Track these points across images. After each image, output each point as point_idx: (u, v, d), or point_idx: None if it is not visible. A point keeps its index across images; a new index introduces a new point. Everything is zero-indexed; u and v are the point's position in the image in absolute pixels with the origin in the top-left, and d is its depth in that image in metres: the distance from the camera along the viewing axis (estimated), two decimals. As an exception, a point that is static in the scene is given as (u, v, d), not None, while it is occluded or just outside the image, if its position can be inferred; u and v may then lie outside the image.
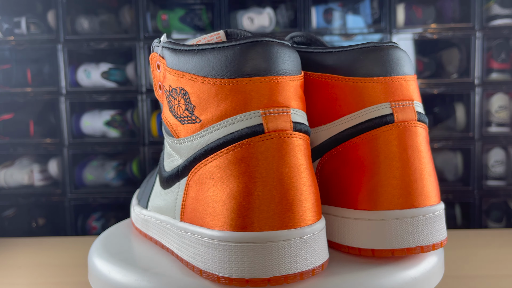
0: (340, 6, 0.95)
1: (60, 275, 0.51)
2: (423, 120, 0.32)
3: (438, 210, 0.32)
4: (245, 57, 0.26)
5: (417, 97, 0.32)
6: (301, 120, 0.28)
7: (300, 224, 0.26)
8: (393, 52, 0.32)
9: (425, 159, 0.31)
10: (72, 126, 0.95)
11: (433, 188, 0.32)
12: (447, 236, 0.33)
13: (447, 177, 0.95)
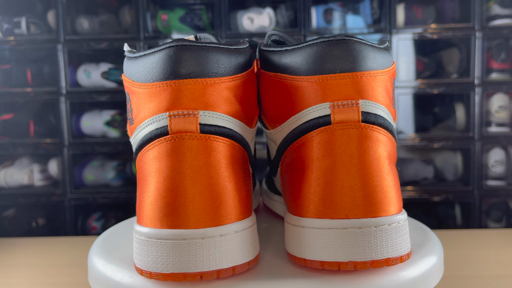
0: (340, 6, 0.95)
1: (60, 275, 0.51)
2: (372, 121, 0.28)
3: (380, 225, 0.27)
4: (156, 64, 0.28)
5: (371, 95, 0.28)
6: (215, 122, 0.28)
7: (220, 222, 0.27)
8: (339, 47, 0.28)
9: (365, 165, 0.27)
10: (72, 126, 0.95)
11: (369, 198, 0.27)
12: (400, 256, 0.28)
13: (447, 177, 0.95)
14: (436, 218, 0.95)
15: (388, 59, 0.30)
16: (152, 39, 0.94)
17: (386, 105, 0.29)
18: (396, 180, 0.29)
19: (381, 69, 0.29)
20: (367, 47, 0.28)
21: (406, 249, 0.29)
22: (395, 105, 0.31)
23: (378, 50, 0.29)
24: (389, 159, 0.29)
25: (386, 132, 0.29)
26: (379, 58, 0.29)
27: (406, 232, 0.29)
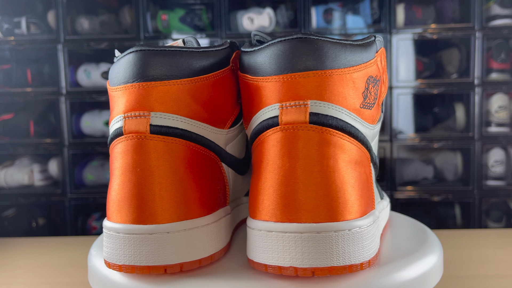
0: (340, 6, 0.95)
1: (60, 275, 0.51)
2: (322, 122, 0.27)
3: (322, 231, 0.26)
4: (120, 69, 0.29)
5: (325, 95, 0.27)
6: (166, 123, 0.28)
7: (153, 221, 0.28)
8: (294, 46, 0.27)
9: (309, 167, 0.26)
10: (72, 126, 0.95)
11: (312, 202, 0.26)
12: (348, 265, 0.27)
13: (447, 177, 0.95)
14: (436, 218, 0.95)
15: (363, 56, 0.28)
16: (152, 39, 0.94)
17: (349, 106, 0.27)
18: (354, 184, 0.27)
19: (345, 66, 0.27)
20: (327, 45, 0.27)
21: (366, 256, 0.28)
22: (379, 104, 0.30)
23: (344, 46, 0.28)
24: (345, 162, 0.27)
25: (341, 134, 0.27)
26: (345, 55, 0.28)
27: (366, 238, 0.27)
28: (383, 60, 0.32)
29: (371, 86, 0.29)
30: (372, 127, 0.30)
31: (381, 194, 0.38)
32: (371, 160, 0.30)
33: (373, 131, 0.30)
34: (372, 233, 0.28)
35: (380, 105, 0.32)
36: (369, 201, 0.29)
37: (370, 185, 0.29)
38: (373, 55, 0.30)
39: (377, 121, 0.31)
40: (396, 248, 0.34)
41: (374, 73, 0.30)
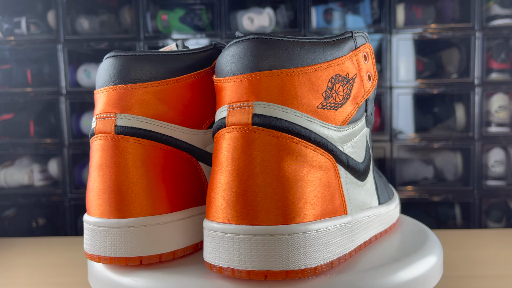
0: (340, 6, 0.95)
1: (60, 275, 0.51)
2: (265, 124, 0.26)
3: (276, 234, 0.25)
4: (98, 73, 0.33)
5: (271, 96, 0.26)
6: (130, 124, 0.31)
7: (116, 216, 0.31)
8: (244, 47, 0.27)
9: (252, 170, 0.26)
10: (72, 126, 0.95)
11: (261, 205, 0.26)
12: (301, 269, 0.26)
13: (447, 177, 0.95)
14: (436, 218, 0.95)
15: (326, 54, 0.28)
16: (152, 39, 0.94)
17: (301, 106, 0.27)
18: (305, 188, 0.26)
19: (298, 66, 0.27)
20: (278, 45, 0.27)
21: (321, 260, 0.27)
22: (356, 103, 0.30)
23: (299, 45, 0.27)
24: (290, 164, 0.26)
25: (287, 136, 0.26)
26: (299, 54, 0.27)
27: (323, 242, 0.27)
28: (370, 57, 0.31)
29: (339, 85, 0.28)
30: (339, 128, 0.29)
31: (380, 199, 0.37)
32: (341, 163, 0.29)
33: (343, 132, 0.29)
34: (332, 237, 0.28)
35: (358, 104, 0.30)
36: (331, 205, 0.28)
37: (335, 189, 0.28)
38: (344, 52, 0.29)
39: (350, 121, 0.30)
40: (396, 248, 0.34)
41: (344, 71, 0.29)
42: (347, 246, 0.30)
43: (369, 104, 0.32)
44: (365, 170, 0.33)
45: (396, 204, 0.41)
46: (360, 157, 0.32)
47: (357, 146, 0.31)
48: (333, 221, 0.28)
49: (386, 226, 0.38)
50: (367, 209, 0.33)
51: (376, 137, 0.93)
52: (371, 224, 0.34)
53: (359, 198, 0.32)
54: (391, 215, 0.39)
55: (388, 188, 0.41)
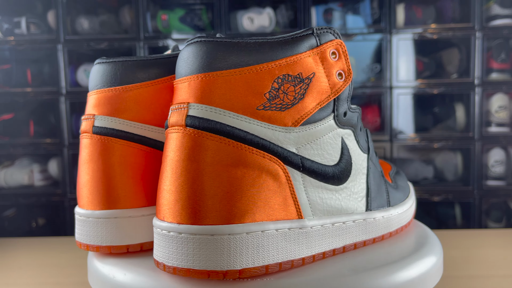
0: (340, 6, 0.95)
1: (60, 275, 0.51)
2: (197, 125, 0.26)
3: (216, 234, 0.26)
4: (90, 78, 0.37)
5: (206, 98, 0.26)
6: (105, 125, 0.35)
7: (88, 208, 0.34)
8: (186, 50, 0.28)
9: (179, 169, 0.26)
10: (72, 126, 0.95)
11: (168, 202, 0.27)
12: (240, 269, 0.26)
13: (447, 177, 0.95)
14: (436, 218, 0.95)
15: (272, 53, 0.27)
16: (152, 39, 0.94)
17: (238, 108, 0.27)
18: (219, 188, 0.26)
19: (237, 67, 0.26)
20: (216, 47, 0.27)
21: (259, 262, 0.27)
22: (317, 104, 0.29)
23: (243, 46, 0.27)
24: (219, 165, 0.26)
25: (219, 137, 0.26)
26: (238, 55, 0.27)
27: (264, 244, 0.27)
28: (341, 53, 0.30)
29: (288, 85, 0.28)
30: (289, 129, 0.28)
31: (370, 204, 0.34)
32: (292, 166, 0.28)
33: (295, 133, 0.28)
34: (271, 241, 0.27)
35: (320, 104, 0.29)
36: (276, 208, 0.27)
37: (282, 192, 0.28)
38: (298, 50, 0.28)
39: (305, 122, 0.28)
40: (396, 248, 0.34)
41: (296, 70, 0.28)
42: (297, 252, 0.28)
43: (340, 103, 0.30)
44: (340, 173, 0.31)
45: (404, 210, 0.38)
46: (329, 160, 0.30)
47: (323, 148, 0.30)
48: (277, 225, 0.27)
49: (378, 234, 0.35)
50: (344, 215, 0.31)
51: (376, 137, 0.93)
52: (348, 231, 0.32)
53: (329, 203, 0.30)
54: (389, 221, 0.36)
55: (398, 193, 0.38)
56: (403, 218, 0.38)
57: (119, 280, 0.31)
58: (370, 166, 0.34)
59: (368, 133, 0.36)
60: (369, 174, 0.34)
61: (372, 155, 0.35)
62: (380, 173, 0.36)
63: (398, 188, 0.38)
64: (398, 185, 0.39)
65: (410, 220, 0.40)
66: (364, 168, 0.33)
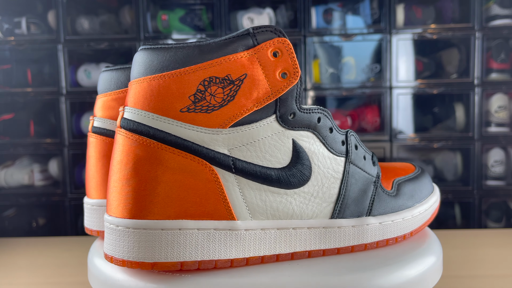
0: (340, 7, 0.95)
1: (60, 275, 0.52)
2: (125, 126, 0.28)
3: (119, 225, 0.28)
4: None
5: (133, 102, 0.28)
6: (98, 125, 0.38)
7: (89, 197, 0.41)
8: (134, 57, 0.29)
9: (115, 167, 0.28)
10: (72, 126, 0.95)
11: (116, 199, 0.28)
12: (173, 262, 0.27)
13: (446, 177, 0.95)
14: (436, 217, 0.95)
15: (199, 57, 0.28)
16: (152, 39, 0.94)
17: (160, 110, 0.27)
18: (140, 185, 0.27)
19: (160, 72, 0.28)
20: (146, 53, 0.28)
21: (188, 257, 0.28)
22: (228, 105, 0.28)
23: (173, 50, 0.28)
24: (145, 164, 0.27)
25: (145, 139, 0.27)
26: (162, 60, 0.28)
27: (186, 240, 0.27)
28: (285, 52, 0.29)
29: (216, 87, 0.28)
30: (216, 131, 0.28)
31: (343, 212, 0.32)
32: (222, 167, 0.28)
33: (224, 135, 0.28)
34: (192, 238, 0.27)
35: (256, 105, 0.28)
36: (199, 207, 0.28)
37: (208, 191, 0.28)
38: (227, 52, 0.28)
39: (237, 124, 0.28)
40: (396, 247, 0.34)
41: (224, 72, 0.28)
42: (223, 253, 0.28)
43: (284, 104, 0.29)
44: (289, 177, 0.29)
45: (401, 218, 0.35)
46: (274, 162, 0.29)
47: (264, 150, 0.29)
48: (199, 223, 0.28)
49: (344, 244, 0.32)
50: (297, 220, 0.30)
51: (376, 137, 0.94)
52: (300, 238, 0.31)
53: (276, 206, 0.30)
54: (362, 231, 0.33)
55: (397, 201, 0.35)
56: (396, 227, 0.35)
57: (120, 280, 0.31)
58: (351, 171, 0.32)
59: (349, 135, 0.33)
60: (347, 179, 0.32)
61: (356, 158, 0.33)
62: (369, 179, 0.33)
63: (400, 196, 0.35)
64: (401, 193, 0.35)
65: (412, 229, 0.36)
66: (338, 173, 0.31)
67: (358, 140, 0.34)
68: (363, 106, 0.98)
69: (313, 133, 0.30)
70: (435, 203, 0.38)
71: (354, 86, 0.94)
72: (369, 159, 0.35)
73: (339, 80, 0.96)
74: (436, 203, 0.39)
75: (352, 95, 0.96)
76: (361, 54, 0.96)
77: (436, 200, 0.39)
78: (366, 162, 0.34)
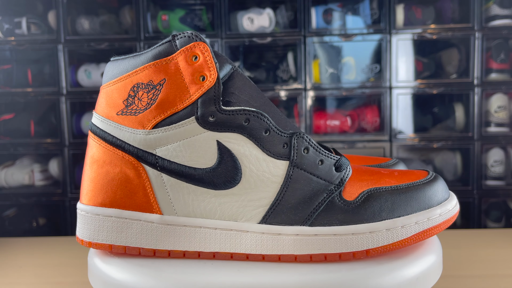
0: (339, 7, 0.95)
1: (60, 275, 0.52)
2: (90, 128, 0.33)
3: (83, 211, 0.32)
4: None
5: (99, 109, 0.32)
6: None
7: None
8: None
9: (86, 166, 0.33)
10: (73, 126, 0.95)
11: (86, 190, 0.32)
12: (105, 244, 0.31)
13: (446, 177, 0.95)
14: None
15: (129, 66, 0.31)
16: (153, 39, 0.94)
17: (104, 113, 0.32)
18: (94, 178, 0.32)
19: (106, 81, 0.32)
20: (109, 64, 0.32)
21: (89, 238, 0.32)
22: (151, 108, 0.30)
23: (113, 63, 0.32)
24: (91, 159, 0.32)
25: (93, 136, 0.32)
26: (110, 71, 0.32)
27: (89, 221, 0.32)
28: (201, 56, 0.30)
29: (142, 92, 0.30)
30: (144, 132, 0.30)
31: (268, 217, 0.30)
32: (149, 165, 0.30)
33: (150, 135, 0.30)
34: (112, 224, 0.31)
35: (175, 109, 0.29)
36: (128, 200, 0.31)
37: (136, 186, 0.31)
38: (148, 60, 0.30)
39: (158, 125, 0.30)
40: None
41: (148, 78, 0.30)
42: (147, 242, 0.31)
43: (203, 105, 0.29)
44: (215, 178, 0.30)
45: (345, 231, 0.30)
46: (200, 163, 0.30)
47: (189, 151, 0.30)
48: (131, 214, 0.31)
49: (272, 252, 0.30)
50: (226, 222, 0.30)
51: (375, 137, 0.94)
52: (224, 239, 0.30)
53: (203, 206, 0.30)
54: (296, 241, 0.30)
55: (353, 215, 0.30)
56: (340, 243, 0.30)
57: (120, 280, 0.31)
58: (294, 175, 0.30)
59: (296, 137, 0.30)
60: (288, 184, 0.30)
61: (304, 162, 0.30)
62: (323, 186, 0.30)
63: (366, 208, 0.30)
64: (370, 205, 0.30)
65: (370, 247, 0.30)
66: (277, 176, 0.30)
67: (312, 143, 0.31)
68: (363, 106, 0.98)
69: (243, 134, 0.30)
70: (428, 221, 0.31)
71: (354, 86, 0.94)
72: (330, 165, 0.31)
73: (339, 80, 0.96)
74: (431, 221, 0.31)
75: (352, 95, 0.96)
76: (361, 54, 0.96)
77: (431, 218, 0.31)
78: (323, 167, 0.31)
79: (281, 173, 0.30)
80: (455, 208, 0.32)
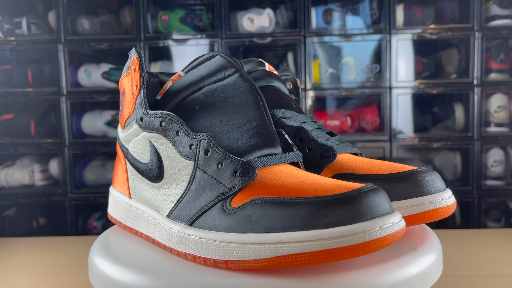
0: (339, 7, 0.96)
1: (61, 275, 0.52)
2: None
3: None
4: None
5: None
6: None
7: None
8: None
9: None
10: (73, 126, 0.95)
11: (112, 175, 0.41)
12: None
13: (446, 177, 0.95)
14: (436, 218, 0.95)
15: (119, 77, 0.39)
16: (153, 39, 0.94)
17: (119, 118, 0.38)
18: (114, 166, 0.40)
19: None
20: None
21: None
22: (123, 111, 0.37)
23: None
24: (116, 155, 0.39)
25: None
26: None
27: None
28: (133, 68, 0.35)
29: (121, 99, 0.37)
30: (122, 131, 0.37)
31: (172, 212, 0.32)
32: (126, 157, 0.37)
33: (124, 134, 0.37)
34: (115, 202, 0.40)
35: (130, 112, 0.36)
36: (120, 183, 0.39)
37: (122, 173, 0.39)
38: (123, 72, 0.37)
39: (125, 126, 0.37)
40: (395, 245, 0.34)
41: (122, 88, 0.37)
42: (128, 220, 0.38)
43: (136, 110, 0.35)
44: (147, 172, 0.35)
45: (211, 237, 0.30)
46: (143, 158, 0.36)
47: (137, 147, 0.36)
48: (118, 194, 0.39)
49: (173, 245, 0.32)
50: (155, 212, 0.35)
51: (375, 137, 0.94)
52: (155, 227, 0.34)
53: (145, 195, 0.36)
54: (180, 239, 0.31)
55: (230, 219, 0.29)
56: (202, 247, 0.30)
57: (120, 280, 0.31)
58: (197, 176, 0.31)
59: (200, 139, 0.31)
60: (193, 182, 0.31)
61: (204, 164, 0.31)
62: (217, 189, 0.30)
63: (242, 216, 0.29)
64: (245, 214, 0.28)
65: (228, 259, 0.29)
66: (186, 175, 0.32)
67: (214, 145, 0.31)
68: (362, 106, 0.98)
69: (162, 135, 0.33)
70: (300, 246, 0.26)
71: (354, 86, 0.94)
72: (228, 168, 0.30)
73: (339, 80, 0.96)
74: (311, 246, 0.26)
75: (351, 95, 0.96)
76: (360, 54, 0.96)
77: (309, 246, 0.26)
78: (221, 170, 0.30)
79: (189, 173, 0.32)
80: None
